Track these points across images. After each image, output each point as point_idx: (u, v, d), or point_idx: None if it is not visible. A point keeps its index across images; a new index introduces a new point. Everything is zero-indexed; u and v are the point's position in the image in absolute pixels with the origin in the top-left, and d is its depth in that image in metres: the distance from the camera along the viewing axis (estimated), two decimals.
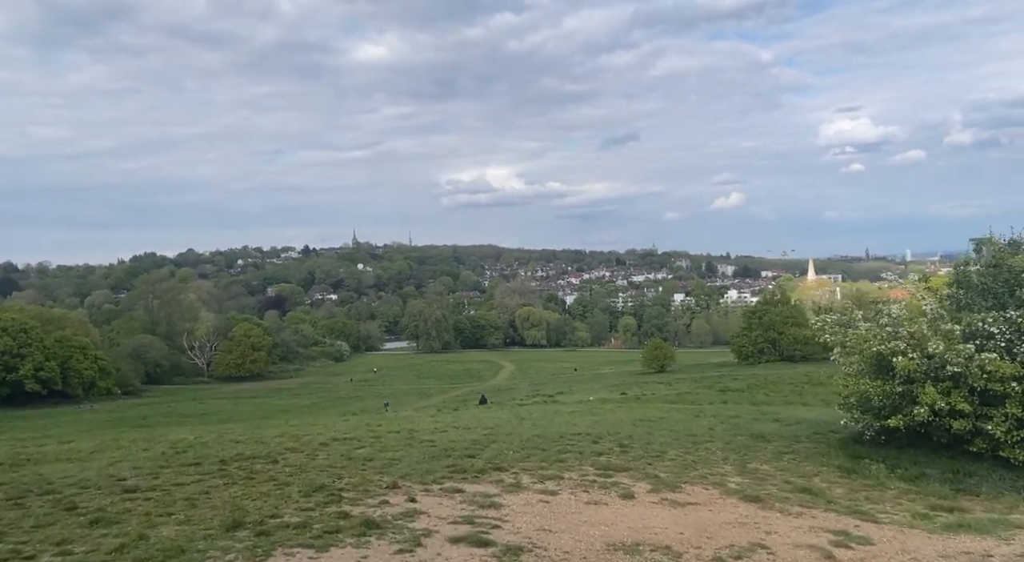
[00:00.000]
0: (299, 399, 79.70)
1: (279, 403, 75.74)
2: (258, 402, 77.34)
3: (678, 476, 7.93)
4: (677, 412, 15.20)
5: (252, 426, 13.24)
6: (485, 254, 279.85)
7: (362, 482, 6.76)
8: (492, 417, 15.08)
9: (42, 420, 60.95)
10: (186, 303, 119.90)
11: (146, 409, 69.42)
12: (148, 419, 61.59)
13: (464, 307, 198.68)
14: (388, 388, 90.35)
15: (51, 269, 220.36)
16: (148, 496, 6.05)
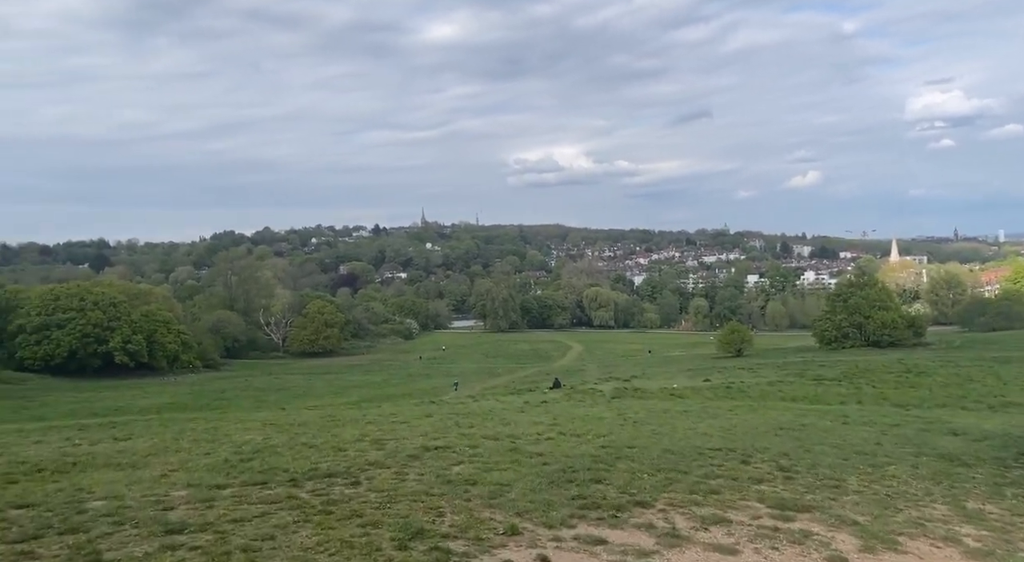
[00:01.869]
0: (370, 376, 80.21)
1: (351, 379, 76.37)
2: (331, 378, 78.23)
3: (884, 522, 5.91)
4: (818, 416, 13.03)
5: (327, 422, 11.78)
6: (551, 234, 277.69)
7: (470, 523, 5.08)
8: (595, 416, 13.25)
9: (130, 390, 63.10)
10: (263, 280, 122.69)
11: (224, 383, 71.11)
12: (226, 393, 62.91)
13: (530, 287, 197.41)
14: (456, 366, 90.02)
15: (139, 246, 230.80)
16: (195, 542, 4.53)
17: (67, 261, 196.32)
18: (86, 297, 75.07)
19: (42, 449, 8.71)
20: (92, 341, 71.86)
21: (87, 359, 71.99)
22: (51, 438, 10.01)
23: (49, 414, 47.54)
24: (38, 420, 44.26)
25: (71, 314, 72.11)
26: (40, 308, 72.38)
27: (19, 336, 71.03)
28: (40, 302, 73.47)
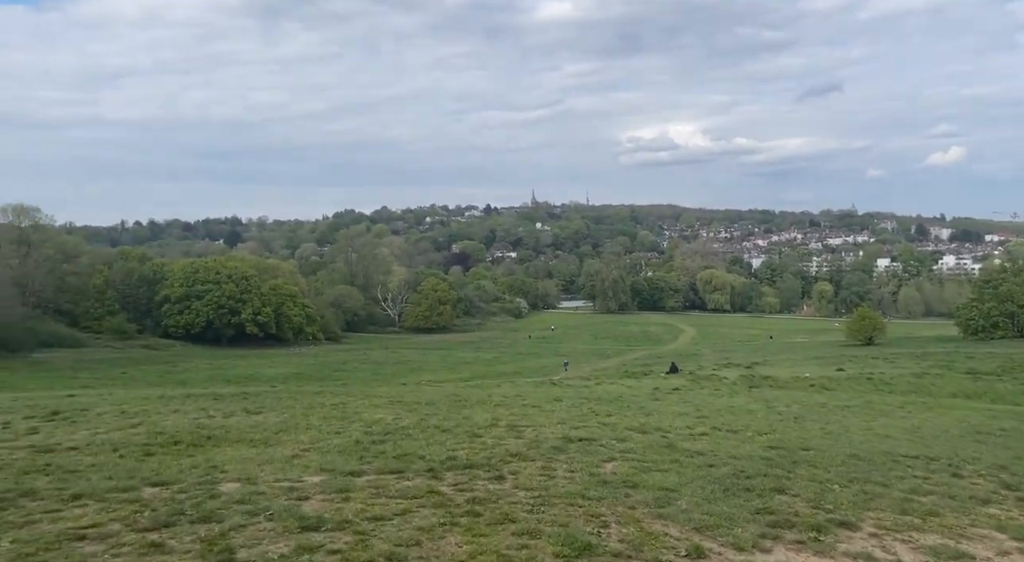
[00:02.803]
0: (481, 353, 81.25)
1: (463, 356, 77.64)
2: (443, 354, 79.88)
3: None
4: (1015, 419, 11.19)
5: (455, 403, 11.27)
6: (664, 214, 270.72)
7: (642, 539, 4.23)
8: (742, 408, 12.01)
9: (259, 359, 67.06)
10: (380, 257, 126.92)
11: (344, 355, 74.15)
12: (346, 365, 65.50)
13: (641, 268, 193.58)
14: (565, 346, 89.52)
15: (268, 223, 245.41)
16: (334, 544, 3.96)
17: (205, 237, 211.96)
18: (221, 271, 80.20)
19: (179, 419, 8.66)
20: (226, 312, 76.77)
21: (222, 329, 77.04)
22: (188, 408, 10.06)
23: (190, 379, 51.21)
24: (180, 385, 47.68)
25: (208, 286, 77.28)
26: (182, 280, 78.03)
27: (164, 306, 77.00)
28: (182, 275, 79.20)
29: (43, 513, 4.35)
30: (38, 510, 4.38)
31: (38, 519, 4.27)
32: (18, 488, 4.96)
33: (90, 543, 3.85)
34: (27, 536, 3.95)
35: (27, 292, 67.79)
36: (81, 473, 5.61)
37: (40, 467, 5.79)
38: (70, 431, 7.79)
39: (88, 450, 6.51)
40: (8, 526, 4.11)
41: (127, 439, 7.04)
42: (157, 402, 10.69)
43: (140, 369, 56.60)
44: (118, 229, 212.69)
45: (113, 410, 9.69)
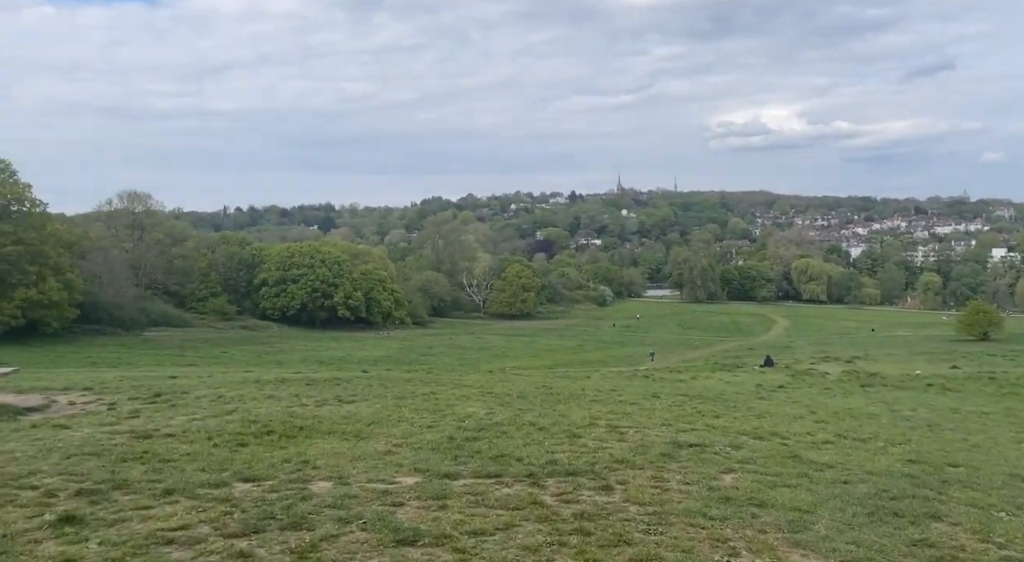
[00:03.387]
0: (564, 340, 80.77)
1: (546, 343, 77.42)
2: (527, 340, 79.93)
3: None
4: None
5: (547, 396, 10.79)
6: (756, 201, 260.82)
7: None
8: (861, 411, 10.90)
9: (349, 342, 69.09)
10: (466, 243, 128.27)
11: (431, 340, 75.40)
12: (432, 349, 66.53)
13: (732, 256, 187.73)
14: (651, 336, 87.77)
15: (359, 210, 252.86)
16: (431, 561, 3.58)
17: (301, 222, 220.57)
18: (315, 256, 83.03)
19: (273, 407, 8.59)
20: (319, 296, 79.48)
21: (315, 311, 79.85)
22: (282, 394, 10.04)
23: (285, 360, 53.28)
24: (276, 365, 49.63)
25: (303, 270, 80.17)
26: (279, 264, 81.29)
27: (262, 289, 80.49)
28: (279, 259, 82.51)
29: (134, 510, 4.19)
30: (129, 506, 4.23)
31: (128, 517, 4.11)
32: (113, 478, 4.86)
33: (178, 549, 3.64)
34: (115, 537, 3.77)
35: (139, 274, 72.33)
36: (175, 463, 5.50)
37: (137, 454, 5.73)
38: (169, 416, 7.83)
39: (184, 437, 6.45)
40: (99, 523, 3.96)
41: (222, 427, 6.96)
42: (252, 387, 10.77)
43: (239, 349, 59.38)
44: (221, 215, 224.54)
45: (211, 394, 9.79)
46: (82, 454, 5.67)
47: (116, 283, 65.15)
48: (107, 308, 62.23)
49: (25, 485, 4.67)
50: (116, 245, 74.42)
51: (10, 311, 52.42)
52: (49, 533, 3.78)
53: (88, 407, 8.88)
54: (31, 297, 53.11)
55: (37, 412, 8.67)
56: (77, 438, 6.31)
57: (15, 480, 4.78)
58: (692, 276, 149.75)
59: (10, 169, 58.05)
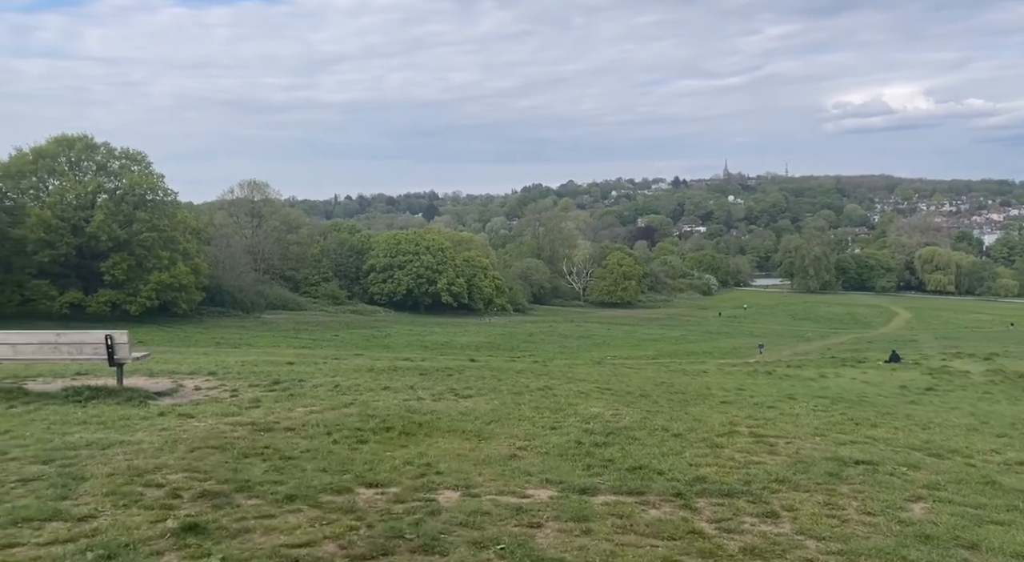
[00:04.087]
0: (667, 330, 78.72)
1: (648, 332, 75.74)
2: (628, 329, 78.51)
3: None
4: None
5: (674, 396, 10.03)
6: (875, 185, 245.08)
7: None
8: None
9: (453, 328, 70.24)
10: (566, 231, 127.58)
11: (532, 327, 75.45)
12: (533, 337, 66.53)
13: (848, 244, 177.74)
14: (759, 327, 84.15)
15: (462, 198, 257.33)
16: None
17: (406, 210, 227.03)
18: (420, 243, 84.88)
19: (390, 400, 8.37)
20: (424, 282, 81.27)
21: (420, 297, 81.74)
22: (397, 385, 9.83)
23: (392, 344, 54.76)
24: (384, 348, 51.14)
25: (409, 257, 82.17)
26: (386, 251, 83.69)
27: (370, 274, 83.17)
28: (386, 246, 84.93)
29: (256, 518, 3.92)
30: (252, 513, 3.97)
31: (251, 527, 3.83)
32: (235, 477, 4.65)
33: None
34: (238, 552, 3.49)
35: (257, 259, 76.38)
36: (296, 461, 5.26)
37: (258, 450, 5.55)
38: (288, 407, 7.73)
39: (303, 432, 6.27)
40: (221, 534, 3.70)
41: (341, 421, 6.74)
42: (367, 376, 10.68)
43: (349, 332, 61.61)
44: (331, 203, 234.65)
45: (327, 383, 9.73)
46: (206, 447, 5.56)
47: (237, 268, 69.02)
48: (229, 291, 66.07)
49: (151, 482, 4.53)
50: (237, 232, 78.93)
51: (146, 293, 56.57)
52: (172, 542, 3.57)
53: (212, 393, 8.98)
54: (164, 280, 57.10)
55: (166, 396, 8.84)
56: (202, 429, 6.25)
57: (141, 476, 4.67)
58: (804, 265, 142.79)
59: (146, 161, 62.54)
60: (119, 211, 57.64)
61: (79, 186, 58.67)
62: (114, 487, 4.35)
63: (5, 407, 7.65)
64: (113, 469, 4.78)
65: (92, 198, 59.28)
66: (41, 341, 8.86)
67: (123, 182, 60.17)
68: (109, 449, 5.38)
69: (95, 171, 60.86)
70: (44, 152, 58.83)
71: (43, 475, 4.57)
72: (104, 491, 4.24)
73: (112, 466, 4.87)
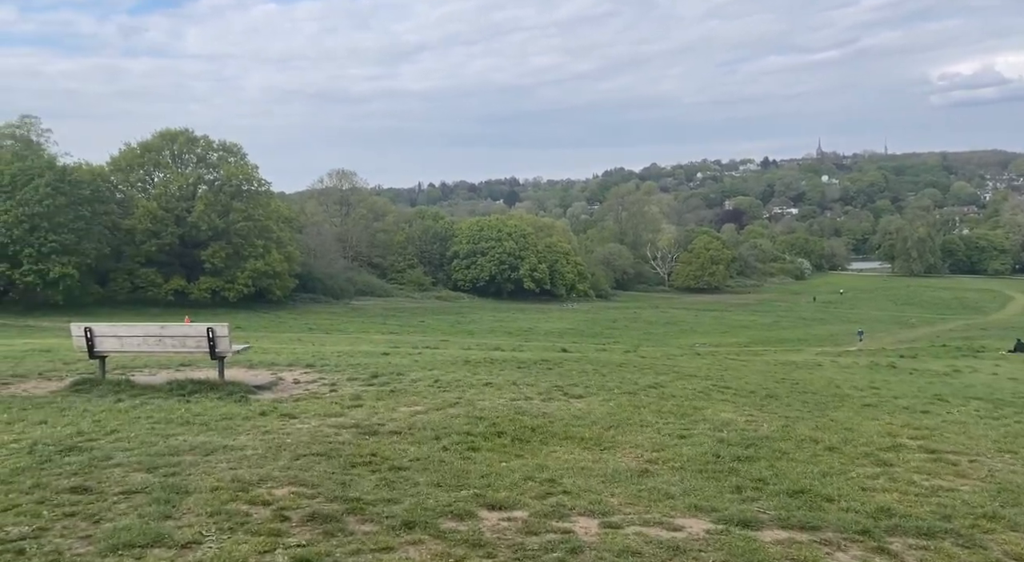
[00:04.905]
0: (758, 316, 75.77)
1: (738, 319, 73.10)
2: (716, 315, 76.03)
3: None
4: None
5: (808, 399, 9.02)
6: (986, 161, 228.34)
7: None
8: None
9: (535, 313, 69.97)
10: (650, 215, 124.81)
11: (615, 313, 74.23)
12: (617, 323, 65.39)
13: (955, 225, 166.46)
14: (856, 312, 79.87)
15: (542, 183, 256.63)
16: None
17: (488, 197, 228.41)
18: (502, 229, 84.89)
19: (495, 398, 7.86)
20: (506, 268, 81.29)
21: (503, 283, 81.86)
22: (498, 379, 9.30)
23: (476, 330, 54.97)
24: (468, 334, 51.33)
25: (491, 243, 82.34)
26: (469, 237, 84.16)
27: (454, 261, 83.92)
28: (469, 232, 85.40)
29: (374, 551, 3.42)
30: (368, 543, 3.48)
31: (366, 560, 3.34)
32: (345, 496, 4.21)
33: None
34: None
35: (346, 247, 78.38)
36: (406, 473, 4.78)
37: (366, 458, 5.12)
38: (390, 406, 7.31)
39: (410, 436, 5.81)
40: None
41: (447, 423, 6.26)
42: (465, 370, 10.24)
43: (435, 318, 62.33)
44: (415, 190, 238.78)
45: (426, 377, 9.32)
46: (311, 454, 5.17)
47: (327, 255, 71.03)
48: (320, 278, 68.08)
49: (256, 499, 4.15)
50: (327, 220, 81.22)
51: (243, 280, 58.96)
52: None
53: (311, 387, 8.74)
54: (259, 268, 59.32)
55: (266, 391, 8.66)
56: (305, 433, 5.89)
57: (246, 491, 4.29)
58: (907, 247, 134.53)
59: (241, 152, 65.05)
60: (217, 201, 60.20)
61: (181, 178, 61.66)
62: (219, 505, 3.99)
63: (114, 400, 7.64)
64: (217, 481, 4.44)
65: (193, 189, 62.22)
66: (146, 334, 8.87)
67: (221, 173, 62.78)
68: (212, 456, 5.10)
69: (195, 163, 63.81)
70: (150, 146, 62.10)
71: (146, 486, 4.28)
72: (208, 509, 3.89)
73: (216, 476, 4.54)
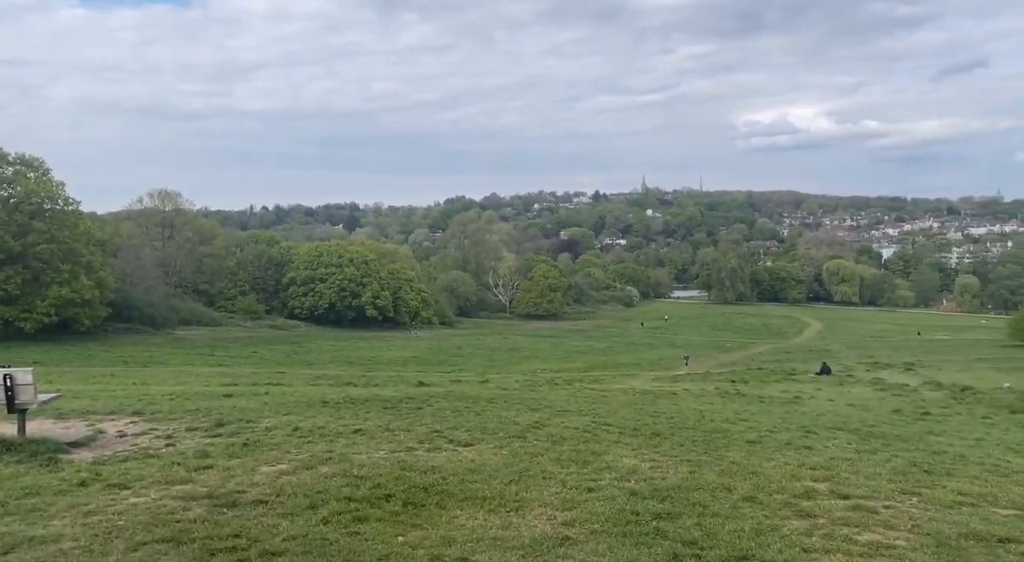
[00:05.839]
0: (594, 342, 78.94)
1: (575, 344, 75.66)
2: (555, 341, 78.22)
3: None
4: None
5: (693, 434, 8.82)
6: (783, 200, 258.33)
7: None
8: None
9: (378, 342, 67.81)
10: (491, 243, 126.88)
11: (459, 340, 73.95)
12: (461, 350, 65.07)
13: (760, 257, 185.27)
14: (680, 338, 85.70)
15: (384, 209, 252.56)
16: None
17: (326, 221, 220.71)
18: (343, 255, 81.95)
19: (372, 450, 6.92)
20: (347, 295, 78.37)
21: (343, 311, 78.78)
22: (368, 425, 8.35)
23: (315, 360, 52.07)
24: (307, 365, 48.46)
25: (331, 269, 79.13)
26: (307, 263, 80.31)
27: (290, 288, 79.55)
28: (307, 258, 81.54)
29: None
30: None
31: None
32: None
33: None
34: None
35: (169, 272, 71.72)
36: (282, 559, 3.86)
37: (227, 541, 4.05)
38: (248, 466, 6.12)
39: (280, 506, 4.78)
40: None
41: (323, 486, 5.28)
42: (326, 412, 9.12)
43: (269, 348, 58.34)
44: (247, 213, 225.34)
45: (283, 425, 8.10)
46: (154, 541, 3.99)
47: (146, 281, 64.59)
48: (138, 306, 61.64)
49: None
50: (147, 243, 73.98)
51: (43, 309, 51.97)
52: None
53: (142, 442, 7.26)
54: (64, 295, 52.60)
55: (82, 448, 7.12)
56: (143, 510, 4.60)
57: None
58: (721, 277, 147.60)
59: (43, 167, 57.60)
60: (12, 221, 52.87)
61: None
62: None
63: None
64: None
65: None
66: None
67: (17, 190, 55.24)
68: (12, 555, 3.72)
69: None
70: None
71: None
72: None
73: None
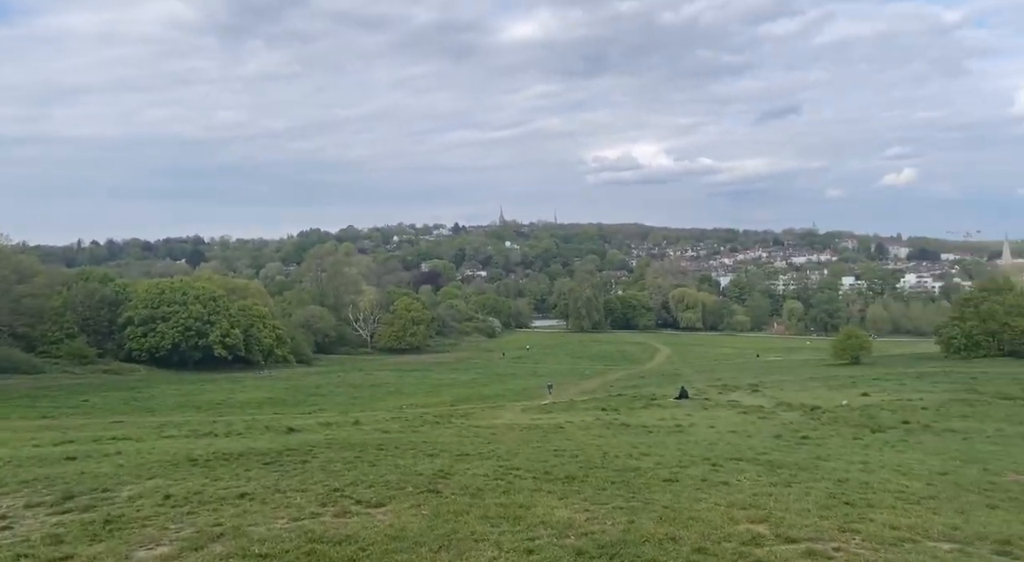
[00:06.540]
0: (459, 374, 78.39)
1: (440, 377, 74.70)
2: (420, 375, 76.82)
3: None
4: None
5: (611, 476, 8.51)
6: (631, 233, 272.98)
7: None
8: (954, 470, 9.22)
9: (229, 383, 63.14)
10: (350, 276, 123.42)
11: (318, 378, 70.57)
12: (321, 389, 62.05)
13: (612, 286, 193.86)
14: (542, 366, 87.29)
15: (231, 242, 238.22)
16: None
17: (166, 256, 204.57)
18: (188, 292, 76.08)
19: (270, 520, 6.00)
20: (193, 334, 72.63)
21: (189, 352, 72.83)
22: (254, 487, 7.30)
23: (157, 407, 47.41)
24: (148, 412, 44.02)
25: (175, 308, 73.12)
26: (146, 302, 73.69)
27: (127, 328, 72.50)
28: (146, 296, 74.85)
29: None
30: None
31: None
32: None
33: None
34: None
35: None
36: None
37: None
38: (119, 551, 4.97)
39: None
40: None
41: None
42: (198, 473, 7.93)
43: (103, 395, 52.43)
44: (73, 249, 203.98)
45: (151, 493, 6.87)
46: None
47: None
48: None
49: None
50: None
51: None
52: None
53: None
54: None
55: None
56: None
57: None
58: (577, 306, 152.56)
59: None
60: None
61: None
62: None
63: None
64: None
65: None
66: None
67: None
68: None
69: None
70: None
71: None
72: None
73: None
